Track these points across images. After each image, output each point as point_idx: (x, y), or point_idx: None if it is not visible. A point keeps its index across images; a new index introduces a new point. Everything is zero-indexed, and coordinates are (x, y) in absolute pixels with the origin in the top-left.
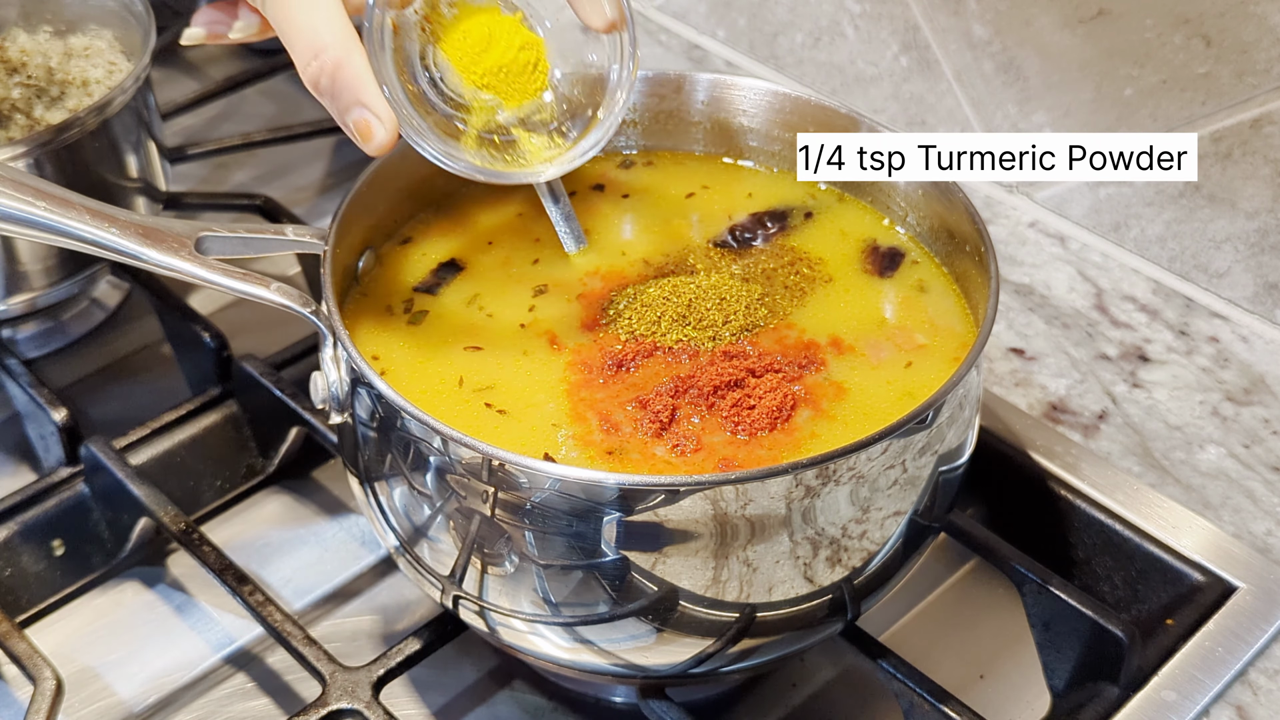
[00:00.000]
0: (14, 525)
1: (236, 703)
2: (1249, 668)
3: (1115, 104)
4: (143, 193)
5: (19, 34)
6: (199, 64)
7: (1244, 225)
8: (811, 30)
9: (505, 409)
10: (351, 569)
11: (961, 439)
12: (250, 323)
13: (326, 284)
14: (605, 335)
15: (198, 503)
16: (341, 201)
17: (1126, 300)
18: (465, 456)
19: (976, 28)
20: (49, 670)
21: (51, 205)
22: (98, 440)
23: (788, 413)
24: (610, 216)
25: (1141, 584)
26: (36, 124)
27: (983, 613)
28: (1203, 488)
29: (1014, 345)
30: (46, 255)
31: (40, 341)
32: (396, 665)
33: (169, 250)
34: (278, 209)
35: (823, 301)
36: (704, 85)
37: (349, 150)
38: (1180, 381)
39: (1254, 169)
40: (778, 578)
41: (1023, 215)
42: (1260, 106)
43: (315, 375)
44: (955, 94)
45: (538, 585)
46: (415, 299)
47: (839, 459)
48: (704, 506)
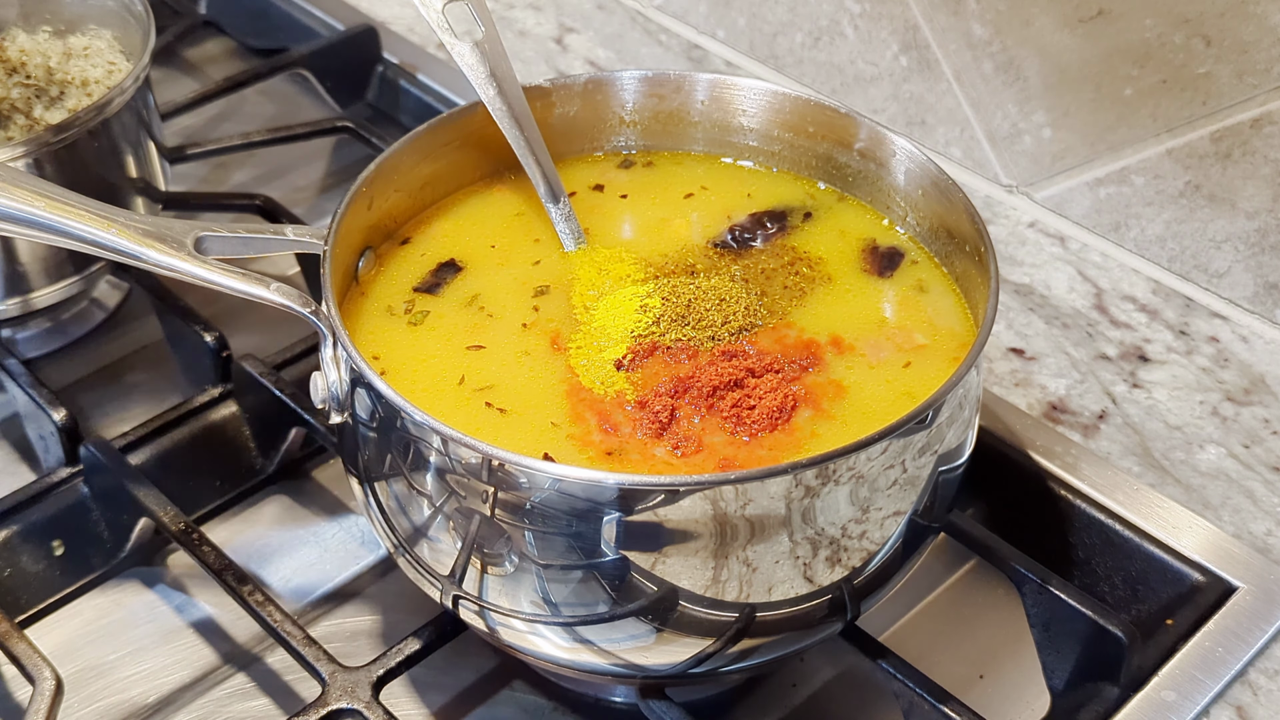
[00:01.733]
0: (14, 525)
1: (236, 703)
2: (1249, 668)
3: (1115, 104)
4: (142, 193)
5: (19, 34)
6: (199, 64)
7: (1244, 225)
8: (811, 30)
9: (505, 408)
10: (351, 569)
11: (961, 439)
12: (250, 323)
13: (326, 284)
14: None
15: (198, 503)
16: (341, 201)
17: (1126, 300)
18: (465, 456)
19: (976, 28)
20: (49, 670)
21: (51, 205)
22: (97, 440)
23: (788, 413)
24: (610, 216)
25: (1141, 584)
26: (36, 124)
27: (982, 613)
28: (1203, 488)
29: (1014, 345)
30: (46, 255)
31: (40, 341)
32: (396, 665)
33: (169, 250)
34: (277, 209)
35: (822, 301)
36: (704, 85)
37: (349, 150)
38: (1180, 381)
39: (1254, 169)
40: (777, 578)
41: (1023, 215)
42: (1260, 106)
43: (315, 375)
44: (955, 94)
45: (538, 585)
46: (415, 299)
47: (839, 459)
48: (704, 506)
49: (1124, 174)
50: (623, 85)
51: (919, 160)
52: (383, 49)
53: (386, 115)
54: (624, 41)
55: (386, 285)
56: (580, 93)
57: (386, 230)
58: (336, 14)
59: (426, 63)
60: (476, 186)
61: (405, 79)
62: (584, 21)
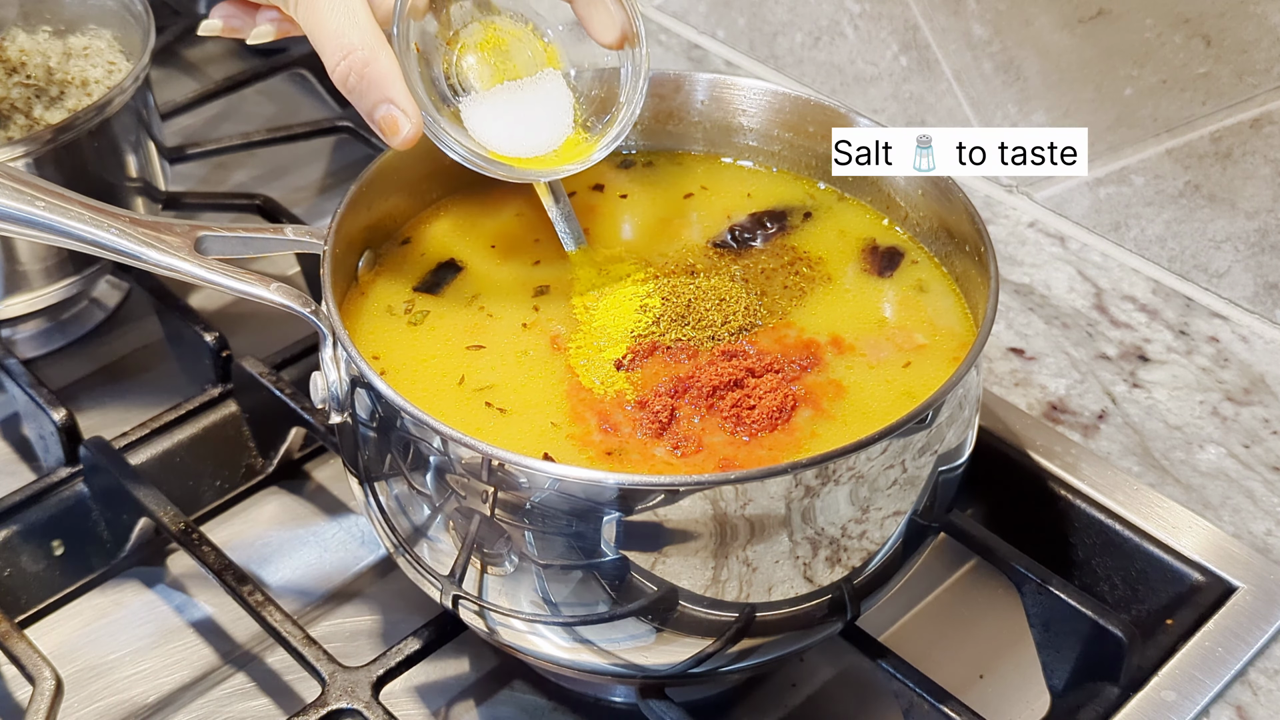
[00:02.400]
0: (14, 525)
1: (236, 703)
2: (1249, 668)
3: (1115, 104)
4: (142, 193)
5: (19, 34)
6: (199, 64)
7: (1244, 225)
8: (811, 30)
9: (505, 408)
10: (351, 569)
11: (961, 439)
12: (250, 323)
13: (326, 284)
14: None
15: (197, 503)
16: (341, 201)
17: (1126, 300)
18: (465, 456)
19: (976, 28)
20: (49, 670)
21: (51, 205)
22: (97, 440)
23: (788, 413)
24: (610, 216)
25: (1141, 584)
26: (36, 124)
27: (982, 613)
28: (1202, 488)
29: (1014, 345)
30: (46, 255)
31: (40, 341)
32: (396, 665)
33: (169, 250)
34: (277, 209)
35: (822, 301)
36: (704, 85)
37: (349, 150)
38: (1180, 381)
39: (1254, 169)
40: (777, 577)
41: (1022, 215)
42: (1260, 106)
43: (315, 375)
44: (955, 94)
45: (537, 585)
46: (415, 299)
47: (839, 459)
48: (704, 506)
49: (1124, 174)
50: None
51: None
52: None
53: None
54: None
55: (386, 285)
56: None
57: (386, 230)
58: None
59: None
60: (476, 186)
61: None
62: None
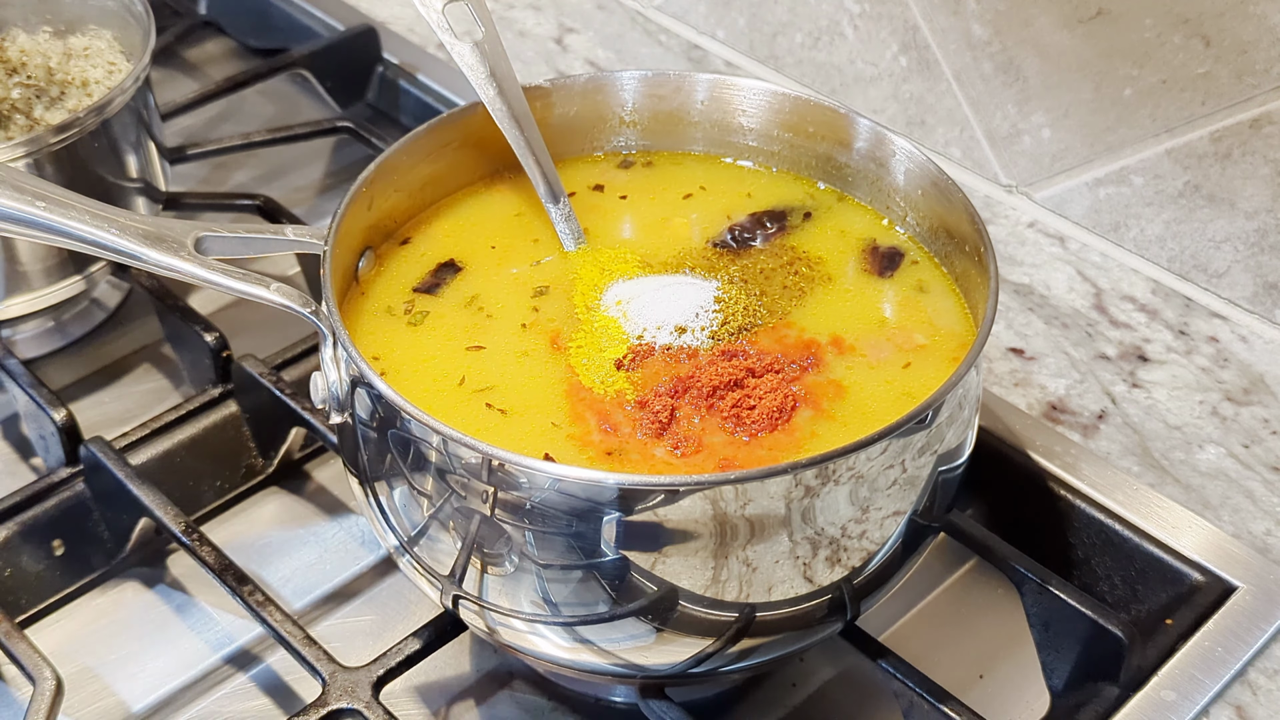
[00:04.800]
0: (14, 525)
1: (236, 703)
2: (1248, 668)
3: (1115, 104)
4: (142, 193)
5: (19, 34)
6: (199, 64)
7: (1244, 225)
8: (811, 30)
9: (505, 409)
10: (351, 569)
11: (961, 439)
12: (250, 323)
13: (326, 284)
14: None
15: (198, 503)
16: (341, 201)
17: (1126, 300)
18: (465, 456)
19: (976, 28)
20: (49, 670)
21: (51, 205)
22: (97, 440)
23: (788, 413)
24: (609, 216)
25: (1141, 584)
26: (36, 124)
27: (982, 613)
28: (1202, 487)
29: (1013, 345)
30: (46, 255)
31: (40, 341)
32: (396, 665)
33: (169, 250)
34: (277, 209)
35: (822, 301)
36: (703, 85)
37: (349, 150)
38: (1180, 381)
39: (1254, 169)
40: (777, 577)
41: (1022, 215)
42: (1260, 106)
43: (315, 375)
44: (955, 94)
45: (537, 585)
46: (415, 299)
47: (838, 459)
48: (704, 506)
49: (1123, 174)
50: (622, 85)
51: (919, 160)
52: (383, 49)
53: (386, 115)
54: (624, 42)
55: (386, 285)
56: (580, 93)
57: (386, 230)
58: (336, 14)
59: (426, 63)
60: (476, 186)
61: (405, 79)
62: (584, 22)
